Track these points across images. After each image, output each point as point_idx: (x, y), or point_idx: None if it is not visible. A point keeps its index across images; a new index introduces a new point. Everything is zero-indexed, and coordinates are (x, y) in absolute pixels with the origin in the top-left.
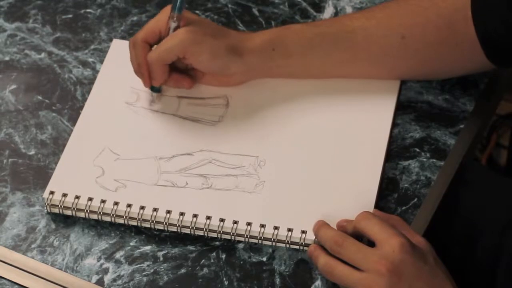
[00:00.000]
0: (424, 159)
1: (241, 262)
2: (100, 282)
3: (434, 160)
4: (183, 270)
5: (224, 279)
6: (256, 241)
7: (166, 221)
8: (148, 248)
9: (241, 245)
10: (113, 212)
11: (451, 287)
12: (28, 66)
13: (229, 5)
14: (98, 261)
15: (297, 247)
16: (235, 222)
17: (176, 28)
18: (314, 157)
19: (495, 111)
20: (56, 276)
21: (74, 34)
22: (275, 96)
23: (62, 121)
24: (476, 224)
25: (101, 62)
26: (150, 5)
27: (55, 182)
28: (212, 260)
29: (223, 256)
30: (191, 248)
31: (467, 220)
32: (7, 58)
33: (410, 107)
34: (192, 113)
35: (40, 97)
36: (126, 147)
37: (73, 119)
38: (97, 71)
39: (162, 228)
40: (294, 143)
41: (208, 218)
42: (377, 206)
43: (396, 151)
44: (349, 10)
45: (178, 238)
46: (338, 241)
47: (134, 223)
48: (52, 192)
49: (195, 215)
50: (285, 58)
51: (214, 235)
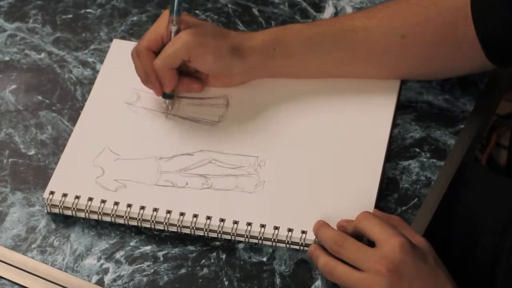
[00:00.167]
0: (424, 159)
1: (241, 262)
2: (100, 282)
3: (434, 160)
4: (183, 270)
5: (224, 279)
6: (256, 241)
7: (166, 221)
8: (148, 248)
9: (241, 245)
10: (113, 212)
11: (451, 287)
12: (28, 66)
13: (229, 5)
14: (98, 261)
15: (297, 247)
16: (235, 222)
17: (177, 31)
18: (314, 157)
19: (495, 111)
20: (56, 276)
21: (74, 34)
22: (275, 96)
23: (62, 121)
24: (476, 224)
25: (101, 62)
26: (150, 5)
27: (55, 182)
28: (212, 260)
29: (223, 256)
30: (191, 248)
31: (467, 220)
32: (7, 58)
33: (410, 107)
34: (192, 113)
35: (40, 97)
36: (126, 147)
37: (73, 119)
38: (97, 71)
39: (162, 228)
40: (294, 143)
41: (208, 218)
42: (377, 206)
43: (396, 151)
44: (349, 10)
45: (178, 238)
46: (338, 241)
47: (134, 223)
48: (52, 192)
49: (195, 215)
50: (286, 58)
51: (214, 235)
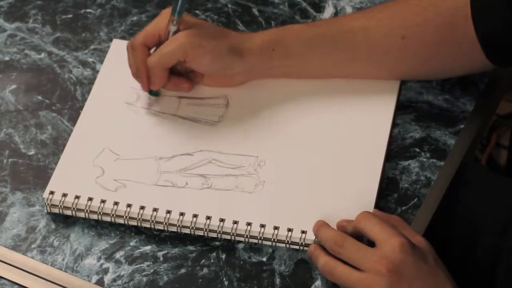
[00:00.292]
0: (424, 159)
1: (241, 262)
2: (100, 282)
3: (434, 160)
4: (183, 270)
5: (224, 279)
6: (256, 241)
7: (166, 221)
8: (148, 248)
9: (241, 245)
10: (113, 212)
11: (451, 287)
12: (28, 66)
13: (229, 5)
14: (98, 261)
15: (297, 247)
16: (235, 222)
17: (176, 32)
18: (314, 157)
19: (495, 111)
20: (56, 276)
21: (74, 34)
22: (275, 96)
23: (62, 121)
24: (476, 224)
25: (101, 62)
26: (150, 5)
27: (55, 182)
28: (212, 260)
29: (223, 256)
30: (191, 248)
31: (467, 220)
32: (7, 58)
33: (410, 107)
34: (192, 113)
35: (40, 97)
36: (126, 147)
37: (73, 119)
38: (97, 71)
39: (162, 228)
40: (294, 143)
41: (208, 218)
42: (377, 206)
43: (396, 151)
44: (349, 10)
45: (178, 238)
46: (338, 241)
47: (134, 223)
48: (52, 192)
49: (195, 215)
50: (285, 59)
51: (214, 235)
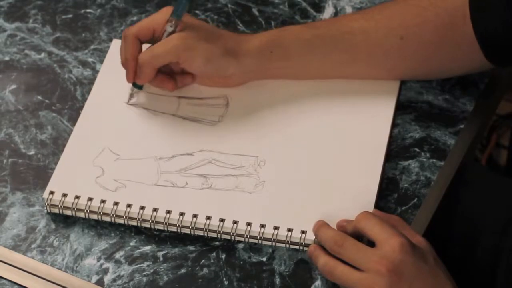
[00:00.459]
0: (424, 159)
1: (241, 262)
2: (100, 282)
3: (434, 160)
4: (183, 270)
5: (224, 279)
6: (256, 241)
7: (166, 221)
8: (148, 248)
9: (241, 245)
10: (113, 212)
11: (451, 287)
12: (28, 66)
13: (229, 5)
14: (98, 261)
15: (297, 247)
16: (235, 222)
17: (172, 33)
18: (314, 157)
19: (495, 111)
20: (56, 276)
21: (74, 34)
22: (275, 96)
23: (62, 121)
24: (476, 224)
25: (101, 62)
26: (150, 5)
27: (55, 182)
28: (212, 260)
29: (223, 256)
30: (191, 248)
31: (467, 220)
32: (7, 58)
33: (410, 107)
34: (192, 113)
35: (40, 97)
36: (126, 147)
37: (73, 119)
38: (97, 71)
39: (162, 228)
40: (294, 143)
41: (208, 218)
42: (377, 206)
43: (396, 151)
44: (349, 10)
45: (178, 238)
46: (338, 241)
47: (134, 223)
48: (52, 192)
49: (195, 215)
50: (284, 60)
51: (214, 235)
